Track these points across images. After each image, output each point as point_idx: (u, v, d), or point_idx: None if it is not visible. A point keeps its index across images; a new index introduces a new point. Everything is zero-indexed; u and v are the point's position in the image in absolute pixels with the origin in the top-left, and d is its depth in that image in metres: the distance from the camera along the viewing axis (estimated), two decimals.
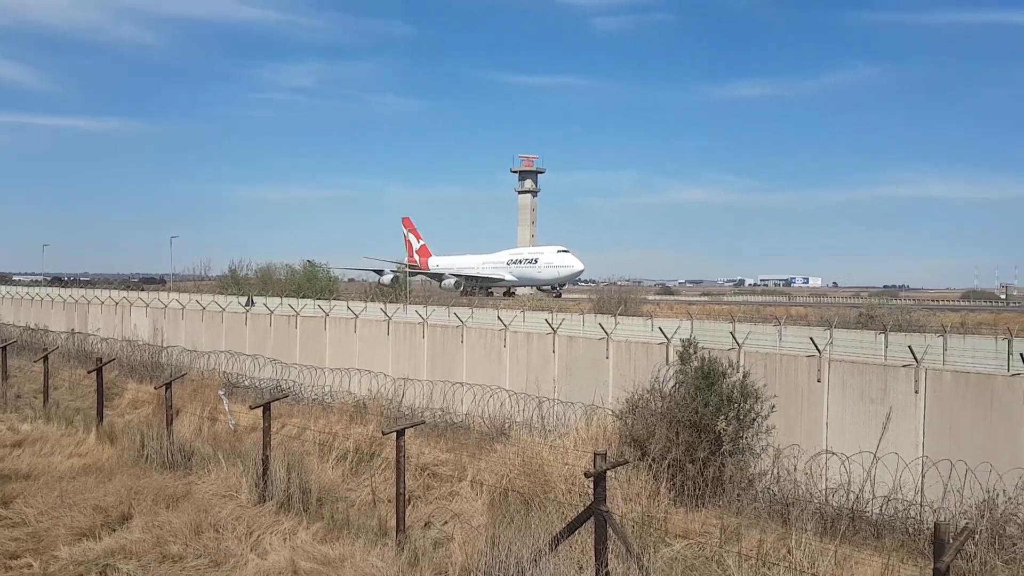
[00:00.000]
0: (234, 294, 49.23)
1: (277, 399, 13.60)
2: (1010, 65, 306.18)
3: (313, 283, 64.06)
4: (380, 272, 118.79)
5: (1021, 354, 12.38)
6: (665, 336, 16.12)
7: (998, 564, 8.46)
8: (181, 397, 17.30)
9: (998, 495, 9.77)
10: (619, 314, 33.43)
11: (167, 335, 29.80)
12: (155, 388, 17.63)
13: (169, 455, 13.54)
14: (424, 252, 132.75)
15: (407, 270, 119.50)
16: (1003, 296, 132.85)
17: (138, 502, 11.26)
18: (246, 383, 21.85)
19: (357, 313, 24.64)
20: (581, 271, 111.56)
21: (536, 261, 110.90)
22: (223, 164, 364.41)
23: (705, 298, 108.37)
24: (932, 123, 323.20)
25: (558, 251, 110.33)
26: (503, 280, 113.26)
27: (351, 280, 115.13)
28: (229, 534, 10.03)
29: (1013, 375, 11.69)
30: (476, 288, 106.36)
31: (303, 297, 41.94)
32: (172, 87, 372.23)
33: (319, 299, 34.67)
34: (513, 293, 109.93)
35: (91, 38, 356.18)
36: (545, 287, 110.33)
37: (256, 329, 27.00)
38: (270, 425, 12.11)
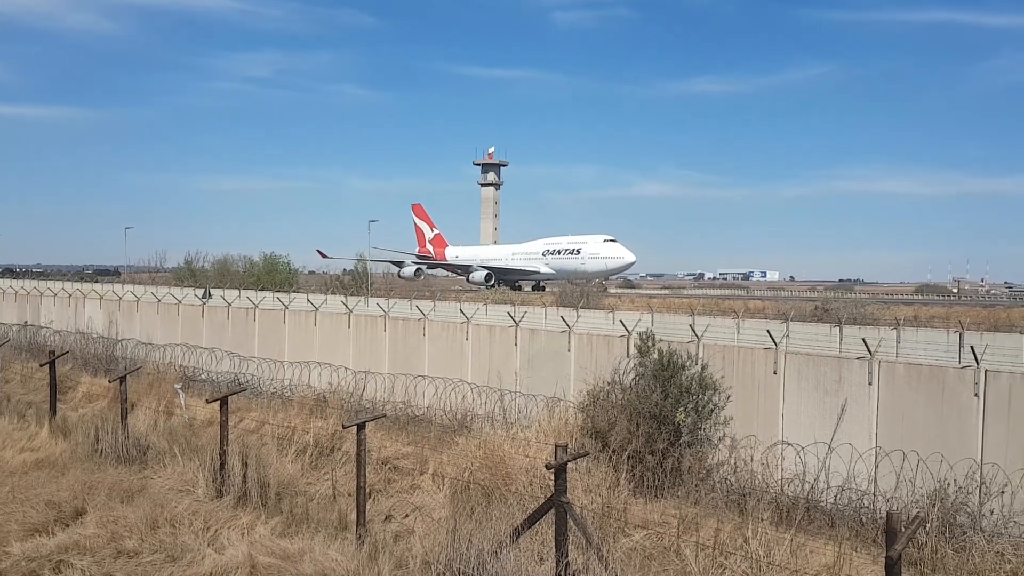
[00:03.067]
0: (190, 286, 48.50)
1: (235, 393, 13.43)
2: (961, 63, 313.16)
3: (273, 276, 63.35)
4: (399, 264, 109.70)
5: (972, 347, 12.70)
6: (626, 329, 16.23)
7: (948, 552, 8.69)
8: (136, 391, 17.01)
9: (949, 485, 10.02)
10: (581, 307, 33.59)
11: (122, 328, 29.22)
12: (110, 381, 17.29)
13: (124, 449, 13.33)
14: (439, 242, 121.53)
15: (430, 262, 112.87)
16: (955, 290, 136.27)
17: (92, 497, 11.06)
18: (203, 377, 21.59)
19: (317, 306, 24.41)
20: (632, 263, 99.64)
21: (579, 252, 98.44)
22: (179, 154, 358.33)
23: (666, 291, 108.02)
24: (885, 120, 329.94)
25: (604, 240, 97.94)
26: (538, 273, 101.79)
27: (311, 272, 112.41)
28: (186, 529, 9.89)
29: (964, 367, 11.99)
30: (502, 282, 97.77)
31: (262, 290, 41.47)
32: (127, 76, 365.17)
33: (279, 292, 34.29)
34: (543, 287, 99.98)
35: (44, 26, 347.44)
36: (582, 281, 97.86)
37: (213, 322, 26.61)
38: (228, 419, 11.96)
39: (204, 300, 32.06)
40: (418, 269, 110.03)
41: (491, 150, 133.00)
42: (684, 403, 11.49)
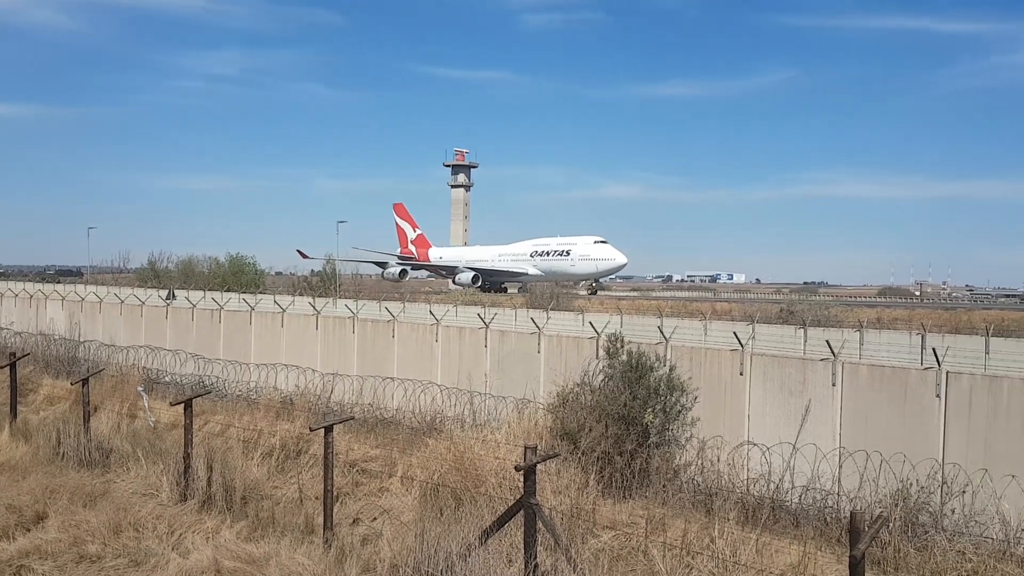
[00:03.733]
0: (154, 287, 47.86)
1: (199, 395, 13.28)
2: (921, 69, 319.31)
3: (239, 277, 62.63)
4: (383, 265, 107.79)
5: (934, 349, 12.93)
6: (595, 330, 16.30)
7: (911, 551, 8.84)
8: (99, 393, 16.73)
9: (911, 484, 10.19)
10: (551, 309, 33.70)
11: (84, 329, 28.71)
12: (72, 384, 17.00)
13: (87, 453, 13.10)
14: (422, 243, 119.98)
15: (413, 263, 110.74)
16: (917, 293, 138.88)
17: (54, 501, 10.87)
18: (167, 379, 21.29)
19: (284, 307, 24.19)
20: (624, 265, 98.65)
21: (568, 253, 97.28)
22: (143, 153, 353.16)
23: (635, 293, 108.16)
24: (848, 124, 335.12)
25: (595, 242, 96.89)
26: (525, 275, 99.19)
27: (278, 274, 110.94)
28: (149, 533, 9.78)
29: (926, 369, 12.21)
30: (489, 284, 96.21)
31: (228, 291, 41.02)
32: (89, 73, 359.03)
33: (245, 293, 33.95)
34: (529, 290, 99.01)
35: (4, 21, 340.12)
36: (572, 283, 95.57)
37: (178, 323, 26.26)
38: (192, 422, 11.81)
39: (168, 301, 31.62)
40: (403, 270, 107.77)
41: (461, 151, 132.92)
42: (652, 404, 11.56)
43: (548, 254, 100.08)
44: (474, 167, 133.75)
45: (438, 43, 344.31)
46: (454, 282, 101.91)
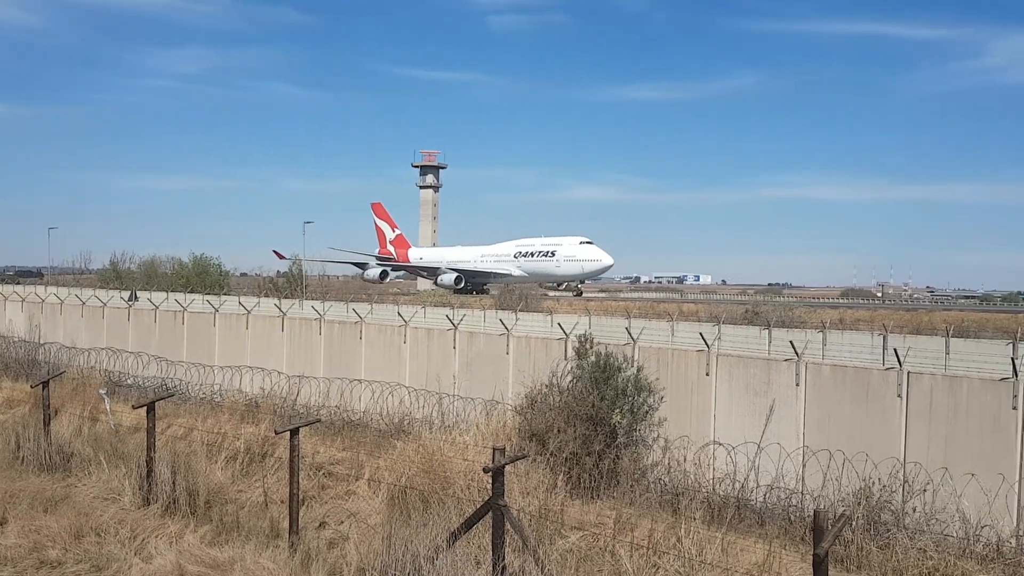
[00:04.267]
0: (116, 288, 47.07)
1: (162, 398, 13.11)
2: (884, 74, 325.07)
3: (203, 278, 61.78)
4: (362, 266, 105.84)
5: (895, 349, 13.13)
6: (564, 332, 16.32)
7: (873, 549, 8.98)
8: (60, 396, 16.41)
9: (873, 483, 10.36)
10: (520, 310, 33.69)
11: (45, 331, 28.13)
12: (32, 387, 16.66)
13: (47, 457, 12.86)
14: (401, 243, 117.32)
15: (393, 264, 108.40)
16: (879, 294, 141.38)
17: (13, 506, 10.68)
18: (129, 382, 20.99)
19: (249, 309, 23.92)
20: (610, 266, 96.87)
21: (553, 254, 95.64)
22: (105, 152, 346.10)
23: (603, 294, 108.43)
24: (812, 128, 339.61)
25: (581, 242, 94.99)
26: (509, 276, 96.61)
27: (244, 275, 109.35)
28: (112, 538, 9.65)
29: (888, 369, 12.39)
30: (472, 286, 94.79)
31: (191, 292, 40.50)
32: (52, 71, 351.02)
33: (209, 294, 33.54)
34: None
35: None
36: (556, 284, 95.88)
37: (140, 325, 25.85)
38: (155, 425, 11.65)
39: (130, 303, 31.11)
40: (384, 271, 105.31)
41: (430, 153, 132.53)
42: (620, 405, 11.62)
43: (532, 255, 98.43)
44: (443, 168, 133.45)
45: (407, 44, 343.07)
46: (436, 283, 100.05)
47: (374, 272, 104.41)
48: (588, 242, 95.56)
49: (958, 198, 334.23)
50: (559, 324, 19.06)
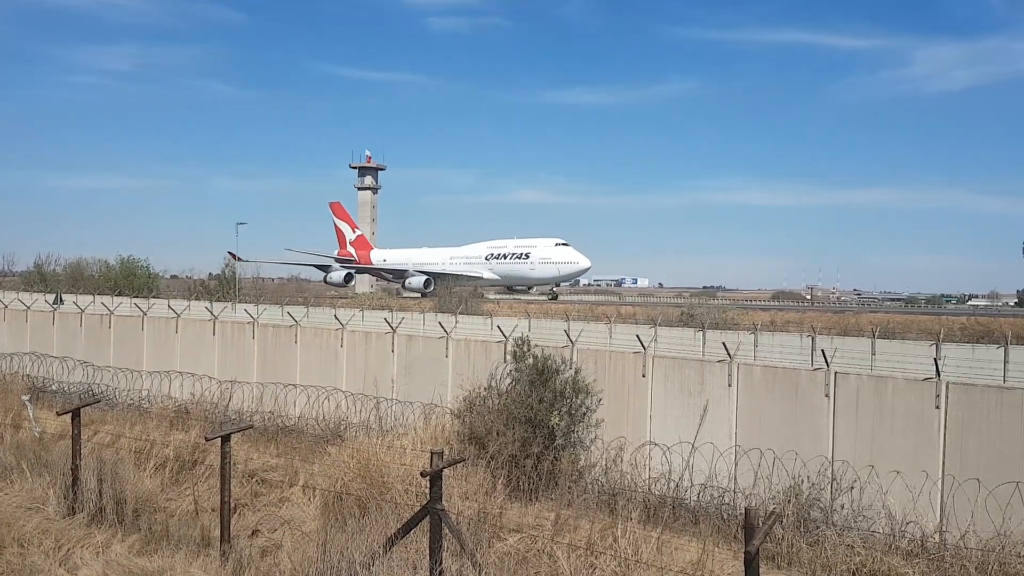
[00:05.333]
0: (41, 291, 45.39)
1: (88, 404, 12.69)
2: (813, 82, 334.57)
3: (131, 280, 59.93)
4: (325, 268, 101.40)
5: (823, 350, 13.48)
6: (503, 334, 16.34)
7: (803, 546, 9.19)
8: None
9: (803, 481, 10.61)
10: (460, 313, 33.63)
11: None
12: None
13: None
14: (363, 244, 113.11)
15: (355, 266, 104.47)
16: (808, 296, 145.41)
17: None
18: (54, 387, 20.30)
19: (179, 312, 23.32)
20: (587, 268, 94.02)
21: (528, 256, 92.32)
22: (29, 151, 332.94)
23: (543, 297, 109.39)
24: (744, 134, 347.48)
25: (556, 244, 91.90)
26: (481, 279, 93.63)
27: (174, 277, 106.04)
28: (35, 549, 9.32)
29: (816, 369, 12.71)
30: (439, 288, 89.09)
31: (119, 295, 39.31)
32: None
33: (137, 297, 32.59)
34: (482, 294, 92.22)
35: None
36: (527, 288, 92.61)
37: (65, 329, 24.97)
38: (80, 432, 11.26)
39: (55, 306, 30.04)
40: (348, 274, 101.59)
41: (368, 153, 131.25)
42: (559, 407, 11.68)
43: (505, 257, 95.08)
44: (382, 169, 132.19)
45: (345, 44, 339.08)
46: (403, 287, 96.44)
47: (338, 275, 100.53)
48: (564, 244, 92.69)
49: (884, 203, 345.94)
50: (498, 327, 19.06)
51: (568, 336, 15.89)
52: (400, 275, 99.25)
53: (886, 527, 9.92)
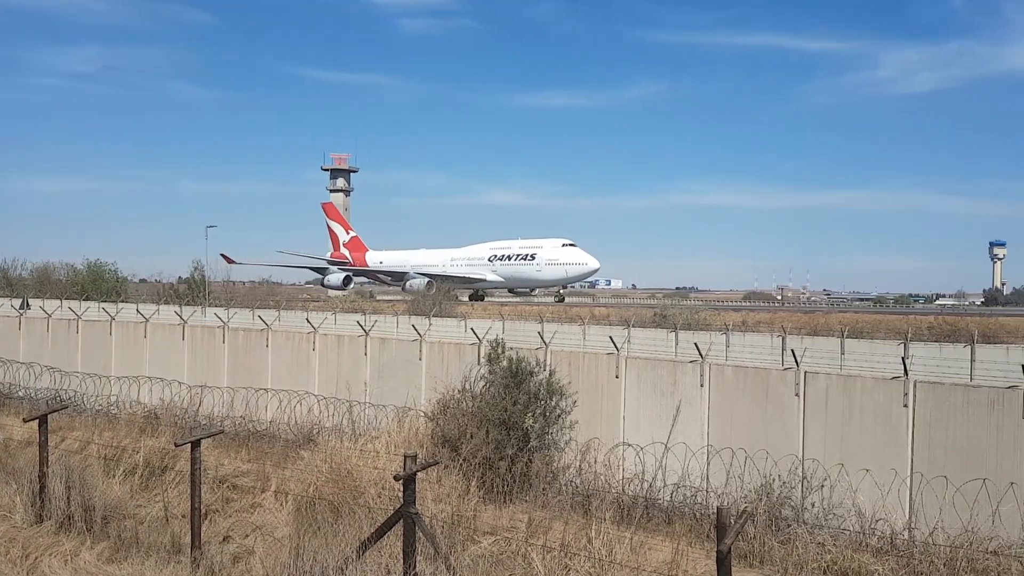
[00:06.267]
0: (6, 296, 44.59)
1: (55, 410, 12.52)
2: (782, 85, 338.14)
3: (99, 284, 59.02)
4: (322, 271, 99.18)
5: (792, 350, 13.62)
6: (477, 337, 16.32)
7: (775, 544, 9.28)
8: None
9: (774, 480, 10.71)
10: (433, 315, 33.55)
11: None
12: None
13: None
14: (357, 245, 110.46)
15: (351, 268, 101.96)
16: (779, 297, 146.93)
17: None
18: (20, 394, 19.96)
19: (148, 316, 23.02)
20: (596, 270, 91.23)
21: (533, 257, 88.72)
22: None
23: (517, 299, 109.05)
24: (715, 136, 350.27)
25: (563, 244, 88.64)
26: (484, 281, 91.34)
27: (142, 281, 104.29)
28: (2, 557, 9.22)
29: (786, 369, 12.84)
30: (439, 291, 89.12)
31: (87, 299, 38.74)
32: None
33: (105, 302, 32.13)
34: (482, 297, 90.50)
35: None
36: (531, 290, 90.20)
37: (31, 334, 24.54)
38: (48, 439, 11.09)
39: (22, 311, 29.51)
40: (347, 277, 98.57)
41: (340, 156, 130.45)
42: (533, 409, 11.69)
43: (510, 258, 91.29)
44: (354, 171, 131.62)
45: (316, 46, 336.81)
46: (404, 290, 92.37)
47: (337, 278, 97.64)
48: (571, 244, 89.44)
49: (853, 204, 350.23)
50: (472, 329, 19.02)
51: (542, 338, 15.91)
52: (399, 278, 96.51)
53: (856, 525, 10.03)
